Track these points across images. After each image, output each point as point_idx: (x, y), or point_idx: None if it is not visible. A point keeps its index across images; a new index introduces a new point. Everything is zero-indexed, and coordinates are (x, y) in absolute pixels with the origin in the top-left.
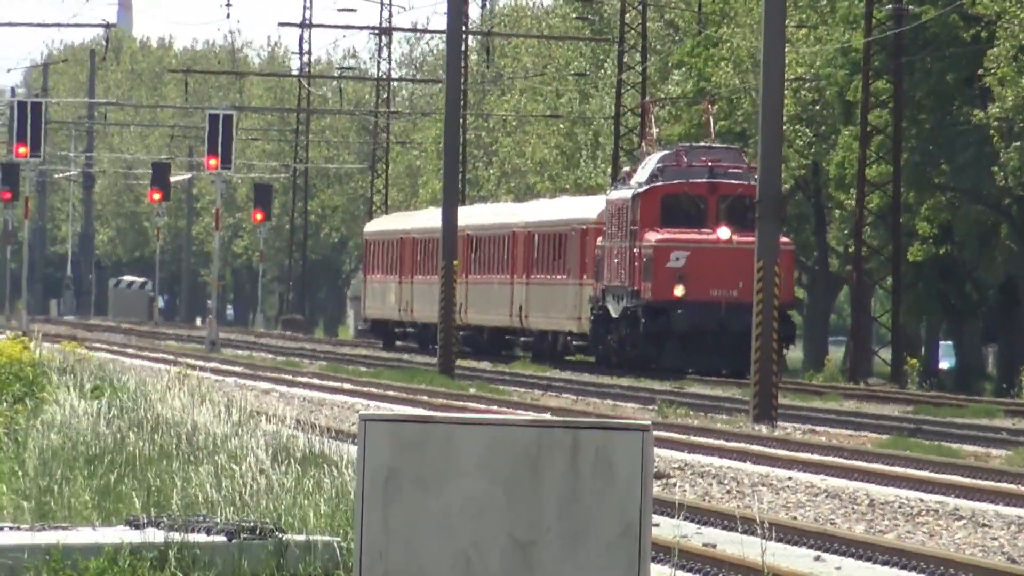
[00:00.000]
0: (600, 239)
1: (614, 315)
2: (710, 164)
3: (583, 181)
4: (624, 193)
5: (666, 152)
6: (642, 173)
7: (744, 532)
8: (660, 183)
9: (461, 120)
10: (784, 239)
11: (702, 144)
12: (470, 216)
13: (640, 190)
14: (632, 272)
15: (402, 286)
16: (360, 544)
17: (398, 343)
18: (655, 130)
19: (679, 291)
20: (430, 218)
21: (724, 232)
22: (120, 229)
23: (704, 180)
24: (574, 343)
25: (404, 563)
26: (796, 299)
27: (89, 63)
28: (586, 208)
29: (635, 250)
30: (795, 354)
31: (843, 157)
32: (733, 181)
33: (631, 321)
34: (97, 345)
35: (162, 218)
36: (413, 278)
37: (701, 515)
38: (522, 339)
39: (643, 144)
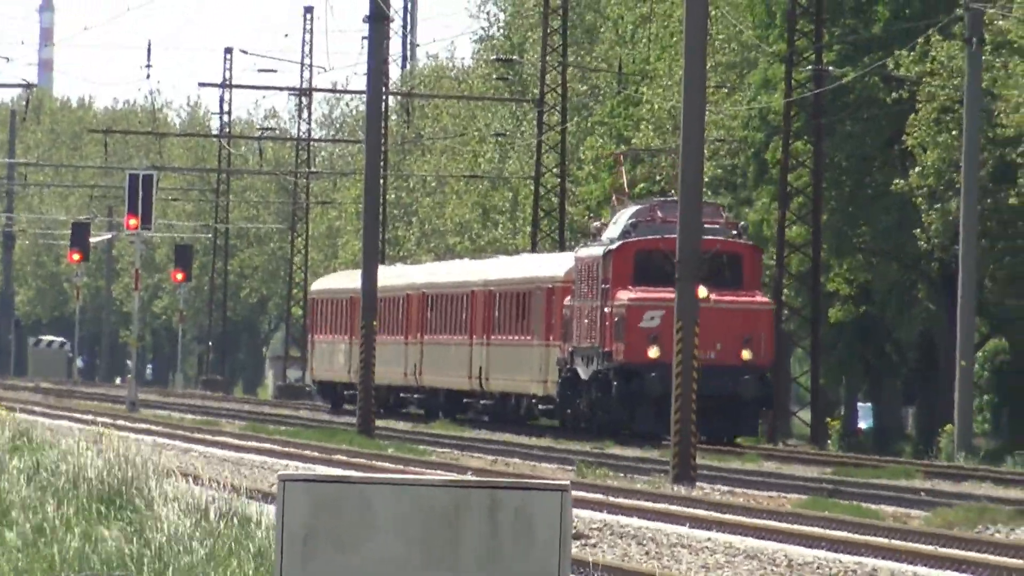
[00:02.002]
0: (568, 298)
1: (584, 378)
2: None
3: (502, 242)
4: (595, 250)
5: (639, 207)
6: (614, 229)
7: None
8: (633, 239)
9: (381, 180)
10: (763, 299)
11: (677, 199)
12: (425, 274)
13: (612, 246)
14: (603, 332)
15: (352, 347)
16: None
17: (347, 406)
18: (625, 182)
19: (653, 352)
20: (381, 276)
21: (701, 291)
22: (40, 289)
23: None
24: (539, 407)
25: None
26: None
27: (9, 123)
28: (552, 265)
29: (606, 309)
30: None
31: (762, 218)
32: (710, 237)
33: (602, 384)
34: (15, 405)
35: (82, 278)
36: None
37: (620, 575)
38: (482, 403)
39: (614, 198)
